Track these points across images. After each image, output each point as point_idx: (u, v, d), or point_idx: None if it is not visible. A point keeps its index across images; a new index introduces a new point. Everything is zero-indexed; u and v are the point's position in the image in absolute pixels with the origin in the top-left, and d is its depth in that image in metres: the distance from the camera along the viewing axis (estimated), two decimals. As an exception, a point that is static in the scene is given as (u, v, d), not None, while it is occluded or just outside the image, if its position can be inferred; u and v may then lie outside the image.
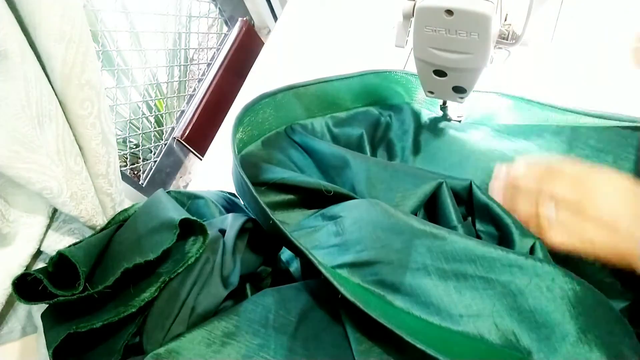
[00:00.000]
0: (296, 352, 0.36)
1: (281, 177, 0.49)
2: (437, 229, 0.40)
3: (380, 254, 0.40)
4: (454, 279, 0.37)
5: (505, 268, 0.37)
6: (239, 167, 0.45)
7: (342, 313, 0.38)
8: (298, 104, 0.57)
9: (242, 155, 0.53)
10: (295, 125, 0.58)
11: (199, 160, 1.03)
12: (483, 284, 0.37)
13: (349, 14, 0.74)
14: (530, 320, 0.35)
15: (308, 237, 0.44)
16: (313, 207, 0.50)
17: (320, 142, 0.54)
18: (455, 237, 0.39)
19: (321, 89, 0.57)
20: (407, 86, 0.58)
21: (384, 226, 0.41)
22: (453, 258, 0.38)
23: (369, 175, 0.48)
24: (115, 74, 0.96)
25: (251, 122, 0.53)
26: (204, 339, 0.36)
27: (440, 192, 0.46)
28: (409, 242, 0.40)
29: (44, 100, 0.36)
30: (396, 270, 0.39)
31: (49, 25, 0.34)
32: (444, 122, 0.56)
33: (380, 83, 0.58)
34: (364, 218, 0.42)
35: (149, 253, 0.38)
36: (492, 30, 0.37)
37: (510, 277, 0.36)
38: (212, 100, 1.00)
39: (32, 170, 0.37)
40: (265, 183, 0.49)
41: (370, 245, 0.40)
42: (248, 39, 1.07)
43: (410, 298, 0.38)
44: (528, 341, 0.34)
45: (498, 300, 0.36)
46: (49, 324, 0.38)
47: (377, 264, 0.39)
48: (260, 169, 0.51)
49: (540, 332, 0.34)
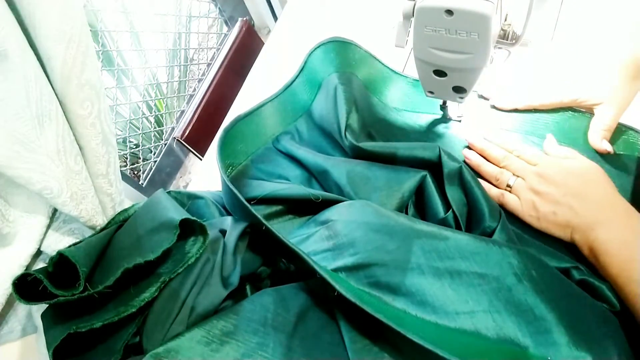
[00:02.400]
0: (295, 350, 0.36)
1: (269, 192, 0.50)
2: (429, 226, 0.40)
3: (374, 256, 0.40)
4: (448, 277, 0.38)
5: (497, 263, 0.37)
6: (230, 185, 0.46)
7: (337, 312, 0.38)
8: (275, 117, 0.59)
9: (231, 176, 0.55)
10: (280, 136, 0.59)
11: (199, 160, 1.03)
12: (478, 280, 0.37)
13: (349, 14, 0.74)
14: (528, 314, 0.35)
15: (301, 245, 0.45)
16: (305, 214, 0.50)
17: (303, 152, 0.55)
18: (447, 234, 0.39)
19: (285, 96, 0.59)
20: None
21: (376, 227, 0.42)
22: (446, 256, 0.38)
23: (352, 178, 0.49)
24: (115, 74, 0.96)
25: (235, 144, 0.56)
26: (203, 338, 0.36)
27: (425, 185, 0.47)
28: (401, 242, 0.40)
29: (44, 100, 0.36)
30: (391, 271, 0.39)
31: (49, 25, 0.34)
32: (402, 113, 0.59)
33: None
34: (356, 220, 0.43)
35: (149, 253, 0.38)
36: (492, 30, 0.37)
37: (503, 271, 0.37)
38: (212, 100, 1.00)
39: (32, 170, 0.37)
40: (254, 199, 0.50)
41: (364, 247, 0.41)
42: (248, 39, 1.07)
43: (407, 298, 0.38)
44: (526, 335, 0.34)
45: (494, 295, 0.36)
46: (49, 324, 0.38)
47: (371, 267, 0.40)
48: (249, 186, 0.52)
49: (539, 325, 0.34)
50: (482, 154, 0.50)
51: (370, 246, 0.41)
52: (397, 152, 0.49)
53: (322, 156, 0.53)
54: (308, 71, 0.60)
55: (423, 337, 0.32)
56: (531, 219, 0.44)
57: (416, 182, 0.47)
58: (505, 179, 0.47)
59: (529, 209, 0.44)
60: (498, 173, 0.48)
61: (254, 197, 0.50)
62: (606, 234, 0.38)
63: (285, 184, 0.52)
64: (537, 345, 0.34)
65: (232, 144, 0.55)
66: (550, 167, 0.44)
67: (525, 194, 0.45)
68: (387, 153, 0.49)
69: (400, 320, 0.36)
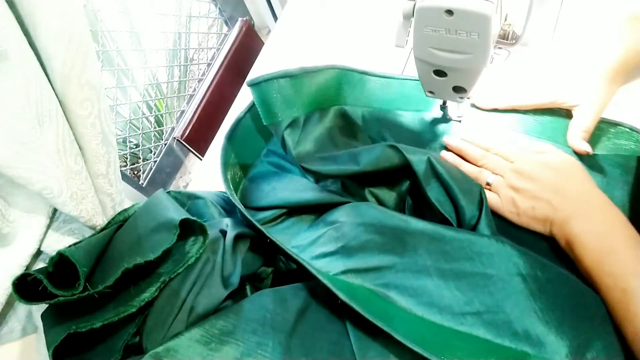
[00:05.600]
0: (294, 350, 0.36)
1: (277, 202, 0.50)
2: (435, 227, 0.41)
3: (382, 260, 0.41)
4: (454, 278, 0.38)
5: (503, 263, 0.37)
6: (236, 202, 0.47)
7: (343, 311, 0.38)
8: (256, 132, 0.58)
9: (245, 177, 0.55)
10: (270, 147, 0.59)
11: (199, 160, 1.03)
12: (484, 281, 0.37)
13: (349, 14, 0.74)
14: (533, 315, 0.35)
15: (311, 247, 0.45)
16: (314, 211, 0.51)
17: (288, 172, 0.55)
18: (451, 234, 0.40)
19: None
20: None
21: (382, 230, 0.42)
22: (452, 257, 0.39)
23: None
24: (115, 74, 0.96)
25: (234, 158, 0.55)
26: (202, 337, 0.36)
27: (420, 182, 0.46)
28: (409, 244, 0.41)
29: (44, 100, 0.36)
30: (398, 273, 0.40)
31: (49, 25, 0.34)
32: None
33: None
34: (363, 222, 0.43)
35: (149, 253, 0.38)
36: (492, 30, 0.37)
37: (509, 271, 0.37)
38: (212, 100, 1.00)
39: (32, 170, 0.37)
40: (262, 208, 0.51)
41: (371, 251, 0.41)
42: (248, 39, 1.07)
43: (413, 299, 0.38)
44: (530, 337, 0.34)
45: (499, 296, 0.36)
46: (49, 324, 0.38)
47: (379, 269, 0.40)
48: (260, 192, 0.53)
49: (544, 327, 0.34)
50: (459, 154, 0.51)
51: (378, 250, 0.41)
52: (361, 169, 0.46)
53: (302, 181, 0.53)
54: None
55: (425, 340, 0.33)
56: (512, 215, 0.44)
57: (407, 186, 0.47)
58: (484, 178, 0.47)
59: (509, 205, 0.44)
60: (477, 172, 0.48)
61: (262, 207, 0.51)
62: (581, 226, 0.39)
63: (291, 183, 0.52)
64: (540, 348, 0.34)
65: (241, 140, 0.55)
66: (527, 163, 0.44)
67: (505, 191, 0.45)
68: (350, 173, 0.47)
69: (406, 321, 0.37)
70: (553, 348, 0.33)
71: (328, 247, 0.44)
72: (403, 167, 0.46)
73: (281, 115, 0.49)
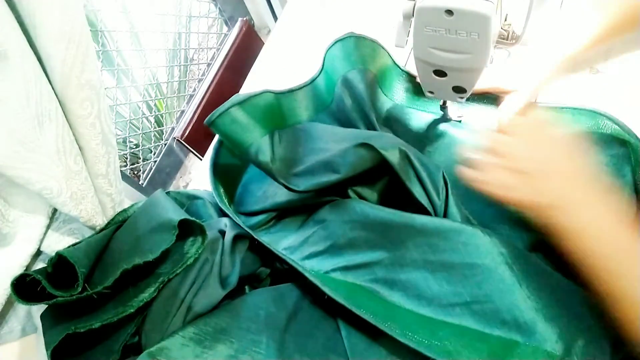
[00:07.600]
0: (288, 346, 0.37)
1: (262, 206, 0.51)
2: (420, 219, 0.40)
3: (371, 256, 0.41)
4: (441, 270, 0.38)
5: (489, 252, 0.37)
6: (226, 207, 0.49)
7: (335, 309, 0.39)
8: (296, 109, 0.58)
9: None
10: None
11: (199, 160, 1.03)
12: (470, 271, 0.37)
13: (349, 14, 0.74)
14: (521, 303, 0.35)
15: (301, 247, 0.45)
16: (305, 211, 0.51)
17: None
18: (436, 226, 0.40)
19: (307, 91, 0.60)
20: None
21: (369, 226, 0.42)
22: (439, 249, 0.39)
23: None
24: (115, 74, 0.96)
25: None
26: (196, 336, 0.36)
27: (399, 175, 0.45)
28: (396, 239, 0.41)
29: (44, 100, 0.36)
30: (387, 267, 0.40)
31: (49, 25, 0.34)
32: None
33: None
34: (350, 219, 0.43)
35: (148, 254, 0.38)
36: (492, 30, 0.37)
37: (495, 260, 0.37)
38: (212, 100, 1.00)
39: (32, 170, 0.37)
40: (255, 212, 0.52)
41: (359, 247, 0.42)
42: (248, 39, 1.07)
43: (402, 293, 0.39)
44: (519, 325, 0.34)
45: (486, 285, 0.36)
46: (48, 324, 0.38)
47: (368, 265, 0.41)
48: (243, 205, 0.54)
49: (531, 315, 0.34)
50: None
51: (367, 246, 0.41)
52: (342, 177, 0.45)
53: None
54: (327, 68, 0.60)
55: (414, 331, 0.34)
56: (505, 199, 0.42)
57: (386, 181, 0.47)
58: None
59: (503, 190, 0.42)
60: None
61: (255, 211, 0.52)
62: (568, 217, 0.37)
63: (280, 187, 0.52)
64: (530, 336, 0.34)
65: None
66: (520, 148, 0.42)
67: (502, 177, 0.43)
68: (332, 183, 0.46)
69: (396, 315, 0.37)
70: (543, 335, 0.33)
71: (318, 246, 0.44)
72: (380, 164, 0.45)
73: (247, 140, 0.49)
